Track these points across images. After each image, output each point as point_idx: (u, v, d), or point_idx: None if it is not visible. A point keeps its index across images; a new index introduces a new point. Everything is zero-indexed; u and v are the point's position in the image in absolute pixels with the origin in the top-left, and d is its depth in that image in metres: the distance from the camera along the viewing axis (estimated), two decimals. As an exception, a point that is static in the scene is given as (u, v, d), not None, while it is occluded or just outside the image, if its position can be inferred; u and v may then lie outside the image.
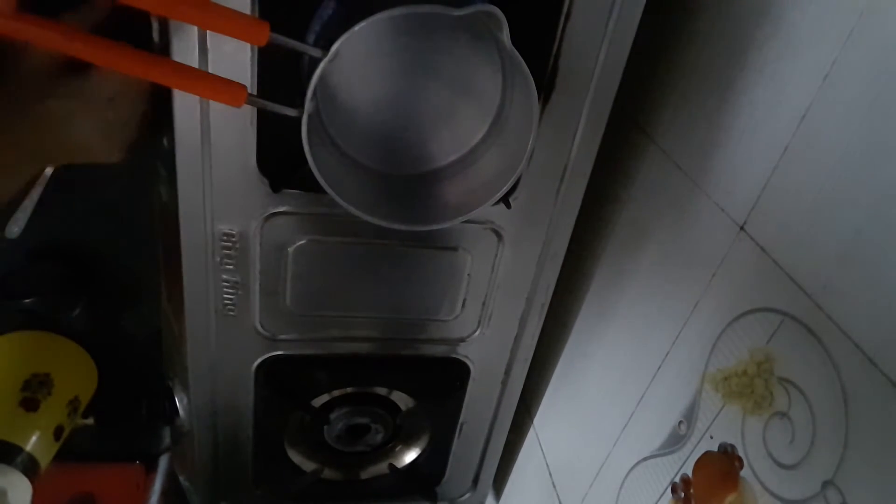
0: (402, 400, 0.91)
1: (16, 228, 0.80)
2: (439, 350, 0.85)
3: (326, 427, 0.90)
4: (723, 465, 0.59)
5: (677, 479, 0.66)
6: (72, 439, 0.92)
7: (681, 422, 0.66)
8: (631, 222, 0.79)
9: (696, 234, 0.66)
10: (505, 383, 0.91)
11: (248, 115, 0.62)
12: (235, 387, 0.82)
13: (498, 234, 0.75)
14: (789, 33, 0.56)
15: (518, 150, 0.61)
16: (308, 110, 0.54)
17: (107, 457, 1.09)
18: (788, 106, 0.55)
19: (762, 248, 0.57)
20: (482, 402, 0.93)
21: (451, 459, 0.99)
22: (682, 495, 0.65)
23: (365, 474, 0.99)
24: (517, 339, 0.86)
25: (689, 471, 0.64)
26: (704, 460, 0.62)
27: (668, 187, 0.71)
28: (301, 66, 0.59)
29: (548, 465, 0.96)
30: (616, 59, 0.65)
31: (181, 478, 0.99)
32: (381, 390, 0.90)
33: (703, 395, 0.63)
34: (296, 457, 0.94)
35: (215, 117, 0.61)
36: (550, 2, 0.61)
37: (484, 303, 0.82)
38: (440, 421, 0.94)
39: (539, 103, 0.60)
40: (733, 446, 0.58)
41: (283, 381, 0.82)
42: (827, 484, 0.49)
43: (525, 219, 0.74)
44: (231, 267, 0.71)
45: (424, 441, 0.97)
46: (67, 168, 0.79)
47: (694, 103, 0.68)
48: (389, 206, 0.64)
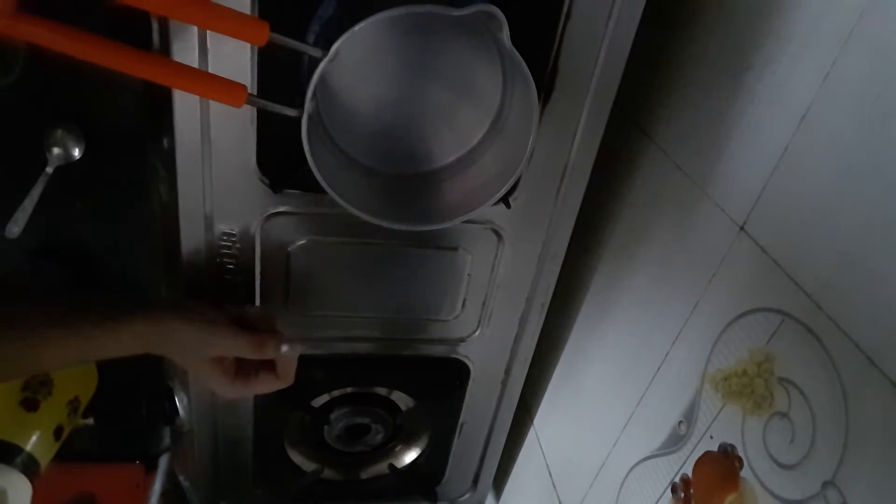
0: (402, 400, 0.91)
1: (16, 228, 0.80)
2: (439, 350, 0.85)
3: (326, 427, 0.90)
4: (723, 465, 0.59)
5: (677, 480, 0.66)
6: (72, 439, 0.92)
7: (681, 422, 0.66)
8: (631, 222, 0.79)
9: (696, 234, 0.66)
10: (505, 383, 0.91)
11: (248, 115, 0.62)
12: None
13: (498, 234, 0.75)
14: (789, 33, 0.56)
15: (518, 150, 0.61)
16: (308, 110, 0.54)
17: (107, 457, 1.09)
18: (788, 106, 0.55)
19: (762, 248, 0.57)
20: (482, 402, 0.93)
21: (451, 459, 0.99)
22: (682, 495, 0.65)
23: (365, 474, 0.99)
24: (517, 339, 0.86)
25: (689, 471, 0.64)
26: (704, 460, 0.62)
27: (668, 187, 0.71)
28: (301, 66, 0.59)
29: (548, 465, 0.96)
30: (616, 59, 0.65)
31: (181, 478, 0.99)
32: (381, 390, 0.90)
33: (703, 395, 0.63)
34: (296, 457, 0.94)
35: (215, 117, 0.61)
36: (550, 2, 0.61)
37: (484, 303, 0.81)
38: (440, 421, 0.94)
39: (539, 103, 0.60)
40: (733, 446, 0.58)
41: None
42: (827, 484, 0.48)
43: (525, 219, 0.74)
44: (231, 267, 0.71)
45: (424, 441, 0.97)
46: (67, 168, 0.80)
47: (694, 103, 0.68)
48: (389, 206, 0.64)
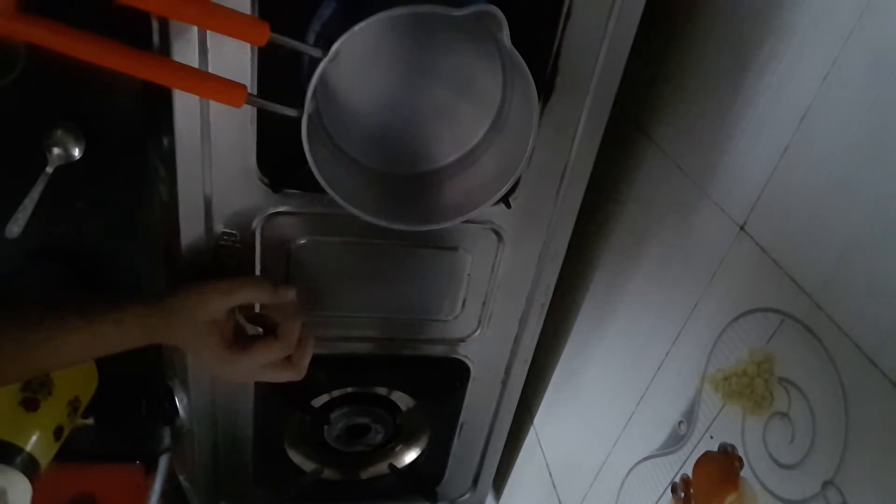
0: (402, 400, 0.91)
1: (16, 228, 0.80)
2: (439, 350, 0.85)
3: (326, 427, 0.90)
4: (723, 465, 0.59)
5: (677, 479, 0.66)
6: (72, 439, 0.92)
7: (681, 422, 0.66)
8: (631, 222, 0.79)
9: (696, 234, 0.66)
10: (505, 383, 0.91)
11: (248, 115, 0.62)
12: (235, 387, 0.82)
13: (498, 234, 0.75)
14: (789, 33, 0.56)
15: (518, 150, 0.61)
16: (308, 110, 0.54)
17: (107, 457, 1.09)
18: (788, 106, 0.55)
19: (762, 248, 0.57)
20: (482, 402, 0.93)
21: (451, 459, 0.99)
22: (682, 495, 0.65)
23: (365, 474, 0.99)
24: (517, 339, 0.86)
25: (689, 471, 0.64)
26: (704, 460, 0.62)
27: (668, 187, 0.71)
28: (301, 66, 0.59)
29: (548, 465, 0.96)
30: (616, 59, 0.65)
31: (181, 478, 0.99)
32: (381, 390, 0.90)
33: (703, 395, 0.63)
34: (296, 457, 0.94)
35: (215, 117, 0.61)
36: (550, 2, 0.61)
37: (484, 303, 0.81)
38: (440, 421, 0.94)
39: (539, 103, 0.60)
40: (733, 446, 0.58)
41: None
42: (827, 484, 0.48)
43: (525, 219, 0.74)
44: (231, 267, 0.71)
45: (424, 441, 0.97)
46: (67, 168, 0.80)
47: (694, 103, 0.68)
48: (389, 206, 0.64)
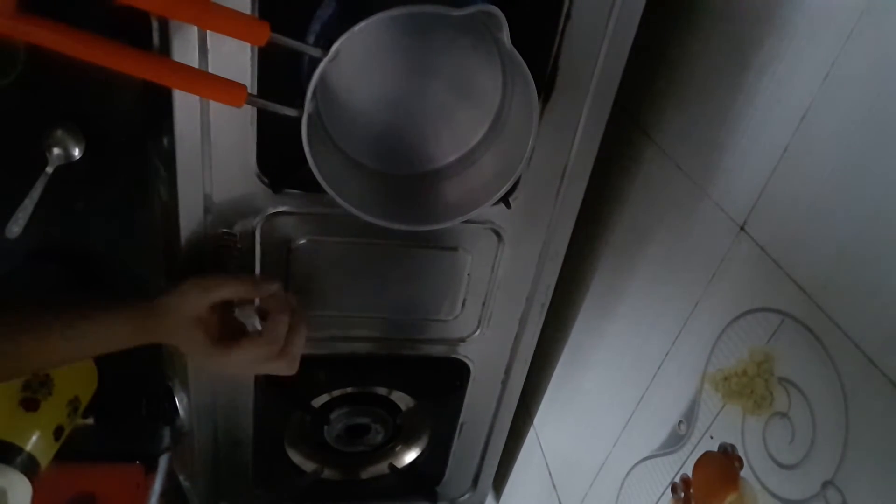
0: (402, 400, 0.91)
1: (16, 228, 0.80)
2: (439, 350, 0.85)
3: (326, 427, 0.90)
4: (723, 465, 0.59)
5: (677, 479, 0.66)
6: (72, 439, 0.92)
7: (681, 422, 0.66)
8: (631, 222, 0.79)
9: (696, 234, 0.66)
10: (505, 383, 0.91)
11: (248, 115, 0.62)
12: (235, 387, 0.82)
13: (498, 234, 0.75)
14: (789, 33, 0.56)
15: (518, 150, 0.61)
16: (308, 110, 0.54)
17: (107, 457, 1.09)
18: (788, 106, 0.55)
19: (762, 248, 0.57)
20: (482, 402, 0.93)
21: (451, 459, 0.99)
22: (682, 495, 0.65)
23: (365, 474, 0.99)
24: (517, 339, 0.86)
25: (689, 471, 0.64)
26: (704, 460, 0.62)
27: (668, 187, 0.71)
28: (301, 66, 0.59)
29: (548, 465, 0.96)
30: (616, 59, 0.65)
31: (181, 478, 0.99)
32: (381, 390, 0.90)
33: (703, 395, 0.63)
34: (296, 457, 0.94)
35: (215, 117, 0.61)
36: (550, 2, 0.61)
37: (484, 303, 0.81)
38: (440, 421, 0.94)
39: (539, 103, 0.60)
40: (733, 446, 0.58)
41: (283, 381, 0.82)
42: (827, 484, 0.48)
43: (525, 219, 0.74)
44: (231, 267, 0.71)
45: (424, 441, 0.97)
46: (67, 168, 0.80)
47: (694, 103, 0.68)
48: (389, 206, 0.64)
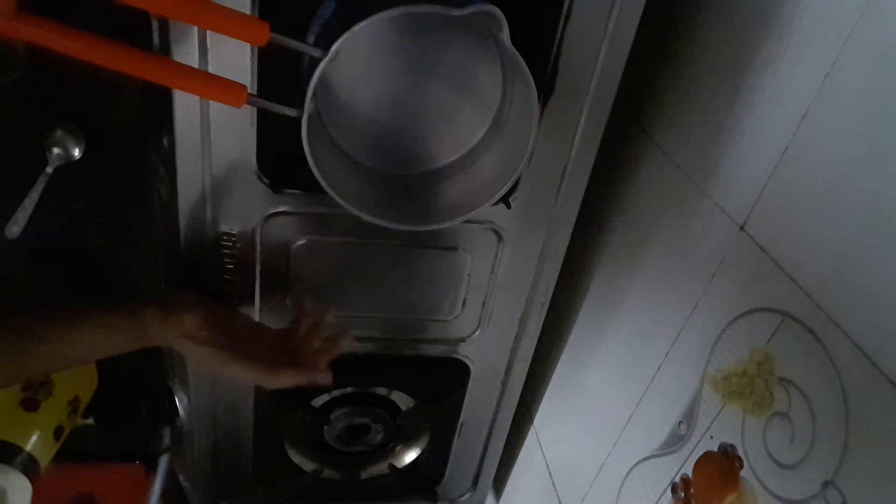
0: (402, 400, 0.91)
1: (16, 228, 0.80)
2: (439, 350, 0.85)
3: (326, 427, 0.90)
4: (723, 465, 0.59)
5: (677, 480, 0.66)
6: (72, 439, 0.92)
7: (681, 422, 0.66)
8: (631, 222, 0.79)
9: (696, 234, 0.66)
10: (505, 383, 0.91)
11: (248, 115, 0.62)
12: (235, 387, 0.82)
13: (498, 234, 0.75)
14: (789, 33, 0.56)
15: (518, 150, 0.61)
16: (308, 110, 0.54)
17: (107, 457, 1.09)
18: (788, 106, 0.55)
19: (762, 248, 0.57)
20: (482, 402, 0.93)
21: (451, 459, 0.99)
22: (682, 495, 0.65)
23: (365, 474, 0.99)
24: (517, 339, 0.86)
25: (689, 471, 0.64)
26: (704, 460, 0.62)
27: (668, 187, 0.71)
28: (301, 66, 0.59)
29: (548, 465, 0.96)
30: (616, 59, 0.65)
31: (181, 478, 0.99)
32: (381, 390, 0.90)
33: (703, 395, 0.63)
34: (296, 457, 0.94)
35: (215, 117, 0.61)
36: (550, 2, 0.61)
37: (484, 303, 0.81)
38: (440, 421, 0.94)
39: (539, 103, 0.60)
40: (733, 446, 0.58)
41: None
42: (827, 484, 0.48)
43: (525, 219, 0.74)
44: (231, 267, 0.71)
45: (424, 441, 0.97)
46: (67, 168, 0.80)
47: (694, 103, 0.68)
48: (389, 206, 0.64)
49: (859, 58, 0.49)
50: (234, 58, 0.58)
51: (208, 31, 0.56)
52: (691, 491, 0.63)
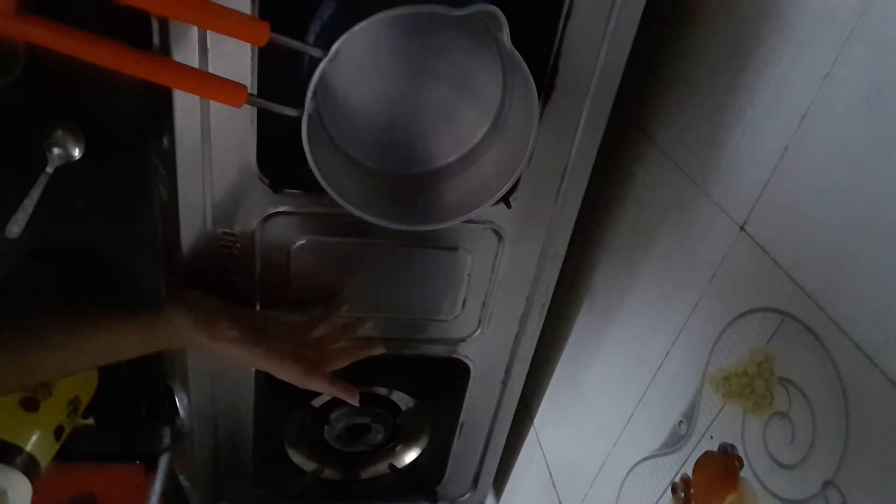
0: (403, 400, 0.91)
1: (16, 228, 0.80)
2: (439, 350, 0.85)
3: (326, 427, 0.90)
4: (723, 465, 0.59)
5: (677, 480, 0.66)
6: (72, 439, 0.92)
7: (681, 422, 0.66)
8: (631, 222, 0.79)
9: (696, 234, 0.66)
10: (505, 383, 0.91)
11: (248, 115, 0.62)
12: (235, 387, 0.82)
13: (498, 234, 0.75)
14: (789, 33, 0.56)
15: (518, 150, 0.61)
16: (308, 110, 0.54)
17: (107, 457, 1.09)
18: (788, 106, 0.55)
19: (762, 248, 0.57)
20: (482, 402, 0.93)
21: (451, 459, 0.99)
22: (682, 495, 0.65)
23: (365, 474, 0.99)
24: (517, 339, 0.86)
25: (689, 471, 0.64)
26: (704, 460, 0.62)
27: (668, 187, 0.71)
28: (301, 66, 0.59)
29: (548, 465, 0.96)
30: (616, 59, 0.65)
31: (181, 478, 0.99)
32: (382, 390, 0.90)
33: (703, 394, 0.63)
34: (296, 457, 0.94)
35: (215, 117, 0.61)
36: (550, 2, 0.61)
37: (484, 303, 0.81)
38: (440, 421, 0.94)
39: (539, 103, 0.60)
40: (733, 446, 0.58)
41: (283, 381, 0.82)
42: (827, 484, 0.48)
43: (525, 219, 0.74)
44: (231, 267, 0.71)
45: (424, 441, 0.97)
46: (67, 168, 0.80)
47: (694, 103, 0.68)
48: (389, 206, 0.64)
49: (859, 58, 0.49)
50: (234, 58, 0.58)
51: (208, 31, 0.56)
52: (691, 491, 0.63)
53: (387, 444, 0.97)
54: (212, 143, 0.62)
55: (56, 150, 0.79)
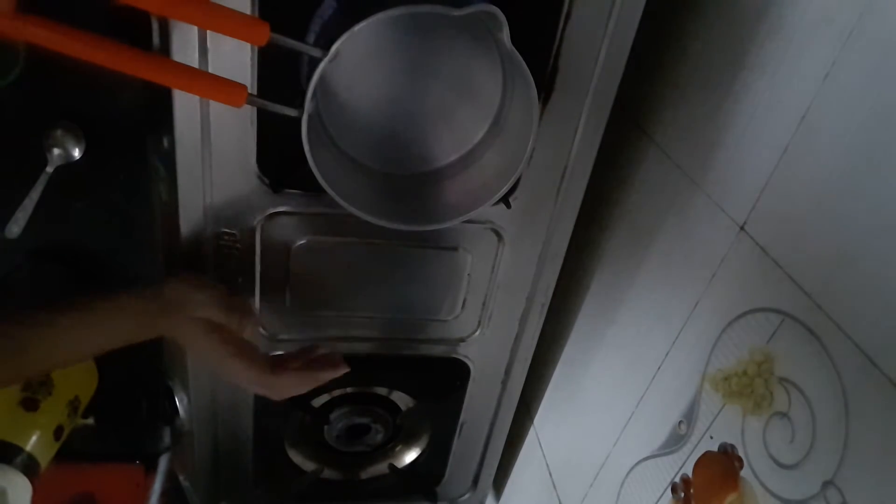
0: (402, 400, 0.91)
1: (16, 228, 0.80)
2: (439, 350, 0.85)
3: (326, 427, 0.90)
4: (723, 465, 0.59)
5: (677, 480, 0.66)
6: (72, 439, 0.92)
7: (681, 422, 0.66)
8: (631, 222, 0.79)
9: (696, 234, 0.66)
10: (505, 383, 0.91)
11: (248, 115, 0.62)
12: (235, 387, 0.82)
13: (498, 234, 0.75)
14: (789, 33, 0.56)
15: (518, 150, 0.61)
16: (308, 110, 0.54)
17: (107, 457, 1.09)
18: (788, 106, 0.55)
19: (762, 248, 0.57)
20: (482, 402, 0.93)
21: (451, 459, 0.99)
22: (682, 495, 0.65)
23: (365, 474, 0.99)
24: (517, 339, 0.86)
25: (689, 471, 0.64)
26: (704, 460, 0.62)
27: (668, 187, 0.71)
28: (301, 66, 0.59)
29: (548, 465, 0.96)
30: (616, 59, 0.65)
31: (181, 478, 0.99)
32: (381, 390, 0.90)
33: (703, 395, 0.63)
34: (296, 457, 0.94)
35: (215, 117, 0.61)
36: (550, 2, 0.61)
37: (484, 303, 0.81)
38: (440, 421, 0.94)
39: (539, 103, 0.60)
40: (733, 446, 0.58)
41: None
42: (827, 484, 0.48)
43: (525, 219, 0.74)
44: (231, 267, 0.71)
45: (424, 441, 0.97)
46: (67, 168, 0.80)
47: (694, 103, 0.68)
48: (389, 206, 0.64)
49: (859, 58, 0.49)
50: (234, 58, 0.58)
51: (208, 31, 0.56)
52: (691, 491, 0.63)
53: (387, 444, 0.97)
54: (212, 143, 0.62)
55: (56, 150, 0.79)
